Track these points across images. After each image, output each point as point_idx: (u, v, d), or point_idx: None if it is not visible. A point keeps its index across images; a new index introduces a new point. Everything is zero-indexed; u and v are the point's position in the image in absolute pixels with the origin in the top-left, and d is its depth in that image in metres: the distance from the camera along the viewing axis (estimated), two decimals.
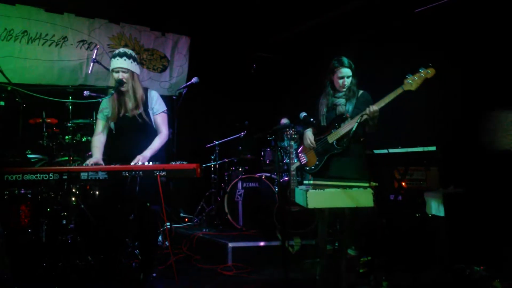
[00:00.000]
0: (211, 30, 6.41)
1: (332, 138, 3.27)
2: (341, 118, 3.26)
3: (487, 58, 3.93)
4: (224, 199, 5.10)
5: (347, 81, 3.30)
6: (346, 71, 3.27)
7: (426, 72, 2.98)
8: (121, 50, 3.31)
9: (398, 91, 3.00)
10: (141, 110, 3.31)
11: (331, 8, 5.54)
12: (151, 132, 3.36)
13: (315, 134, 3.47)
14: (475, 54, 4.03)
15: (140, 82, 3.39)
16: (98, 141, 3.38)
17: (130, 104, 3.30)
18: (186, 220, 5.86)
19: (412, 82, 2.98)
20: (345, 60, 3.29)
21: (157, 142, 3.31)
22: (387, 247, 3.74)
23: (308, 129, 3.49)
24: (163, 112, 3.41)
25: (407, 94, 4.28)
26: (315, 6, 5.54)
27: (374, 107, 3.03)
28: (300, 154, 3.58)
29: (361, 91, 3.37)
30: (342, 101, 3.32)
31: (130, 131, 3.30)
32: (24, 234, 3.81)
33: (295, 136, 3.56)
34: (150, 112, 3.36)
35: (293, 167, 4.35)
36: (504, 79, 3.79)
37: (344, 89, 3.32)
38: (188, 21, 6.23)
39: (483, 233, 3.54)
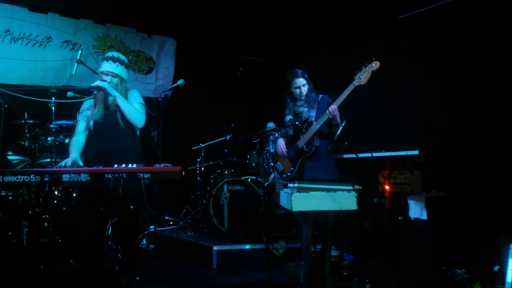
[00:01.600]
0: (197, 33, 6.41)
1: (301, 143, 3.46)
2: (307, 123, 3.47)
3: (471, 63, 4.00)
4: (210, 202, 5.07)
5: (304, 89, 3.53)
6: (300, 81, 3.52)
7: (371, 66, 3.24)
8: (115, 54, 3.29)
9: (350, 87, 3.27)
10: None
11: (318, 12, 5.59)
12: (131, 131, 3.30)
13: (286, 143, 3.65)
14: (459, 59, 4.10)
15: (125, 86, 3.37)
16: (77, 141, 3.32)
17: (112, 105, 3.26)
18: (171, 223, 5.82)
19: (360, 77, 3.24)
20: (297, 71, 3.55)
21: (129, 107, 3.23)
22: (371, 250, 3.77)
23: (280, 138, 3.69)
24: (138, 102, 3.33)
25: (391, 97, 4.34)
26: (302, 9, 5.58)
27: (333, 106, 3.28)
28: (276, 163, 3.68)
29: (320, 96, 3.60)
30: (304, 109, 3.54)
31: (109, 129, 3.24)
32: (5, 237, 3.75)
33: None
34: None
35: (271, 177, 4.40)
36: (488, 84, 3.86)
37: (303, 97, 3.55)
38: (175, 23, 6.21)
39: (465, 236, 3.59)
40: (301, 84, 3.50)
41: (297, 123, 3.46)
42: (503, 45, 3.76)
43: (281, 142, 3.63)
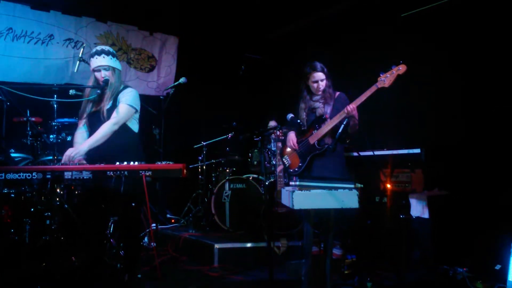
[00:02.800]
0: (199, 31, 6.41)
1: (313, 139, 3.36)
2: (321, 120, 3.36)
3: (472, 62, 3.99)
4: (211, 200, 5.08)
5: (322, 84, 3.41)
6: (319, 75, 3.39)
7: (397, 69, 3.13)
8: (98, 48, 3.24)
9: (373, 88, 3.16)
10: (110, 105, 3.21)
11: (320, 8, 5.58)
12: (122, 129, 3.21)
13: (297, 136, 3.54)
14: (460, 58, 4.09)
15: (122, 79, 3.33)
16: (81, 137, 3.31)
17: (106, 101, 3.21)
18: (173, 221, 5.83)
19: (385, 79, 3.13)
20: (317, 64, 3.41)
21: (99, 130, 3.09)
22: (372, 248, 3.77)
23: (291, 131, 3.57)
24: (126, 104, 3.19)
25: (393, 96, 4.33)
26: (305, 6, 5.57)
27: (352, 105, 3.16)
28: (284, 157, 3.63)
29: (338, 93, 3.48)
30: (320, 104, 3.43)
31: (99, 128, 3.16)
32: (7, 235, 3.75)
33: (282, 138, 3.59)
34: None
35: (278, 170, 4.36)
36: (489, 83, 3.85)
37: (320, 92, 3.44)
38: (176, 21, 6.21)
39: (466, 235, 3.59)
40: (320, 79, 3.38)
41: (298, 121, 3.42)
42: (504, 44, 3.74)
43: (292, 135, 3.52)
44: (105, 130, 3.10)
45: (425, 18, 4.42)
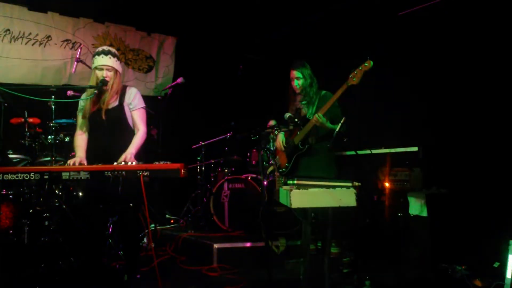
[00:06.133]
0: (197, 31, 6.41)
1: (297, 139, 3.40)
2: (304, 120, 3.38)
3: (473, 59, 3.99)
4: (210, 200, 5.08)
5: (298, 83, 3.42)
6: (294, 73, 3.41)
7: (364, 65, 3.12)
8: (105, 48, 3.27)
9: (343, 87, 3.17)
10: (116, 103, 3.26)
11: (320, 8, 5.58)
12: (126, 127, 3.28)
13: (287, 137, 3.59)
14: (455, 56, 4.09)
15: (120, 80, 3.35)
16: (81, 139, 3.32)
17: (106, 100, 3.22)
18: (172, 221, 5.82)
19: (353, 76, 3.12)
20: (296, 63, 3.43)
21: (138, 140, 3.22)
22: (371, 247, 3.78)
23: (281, 133, 3.62)
24: (141, 108, 3.33)
25: (390, 94, 4.33)
26: (304, 6, 5.57)
27: (316, 115, 3.19)
28: (276, 157, 3.68)
29: (323, 92, 3.48)
30: (303, 104, 3.45)
31: (104, 126, 3.21)
32: (6, 236, 3.76)
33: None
34: (126, 107, 3.29)
35: (269, 170, 4.39)
36: (486, 80, 3.85)
37: (298, 91, 3.43)
38: (174, 21, 6.22)
39: (465, 232, 3.60)
40: (295, 77, 3.40)
41: (296, 120, 3.43)
42: (503, 42, 3.75)
43: (280, 137, 3.58)
44: (141, 138, 3.24)
45: (422, 15, 4.42)
